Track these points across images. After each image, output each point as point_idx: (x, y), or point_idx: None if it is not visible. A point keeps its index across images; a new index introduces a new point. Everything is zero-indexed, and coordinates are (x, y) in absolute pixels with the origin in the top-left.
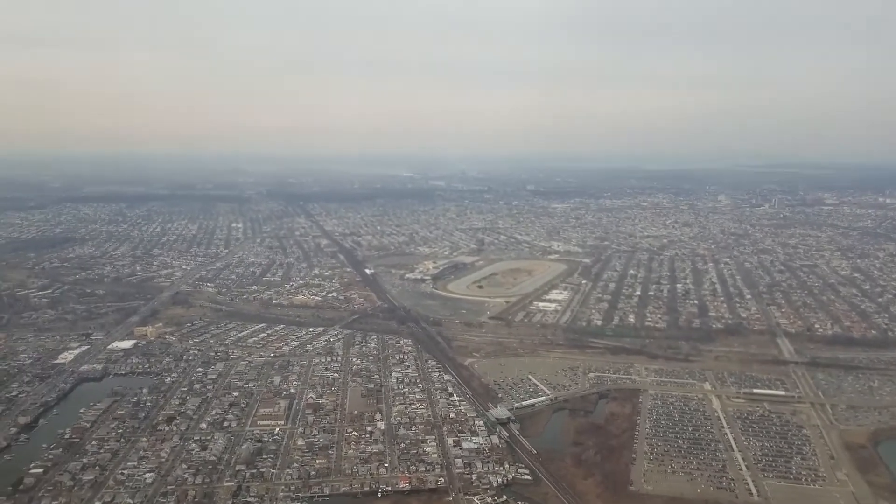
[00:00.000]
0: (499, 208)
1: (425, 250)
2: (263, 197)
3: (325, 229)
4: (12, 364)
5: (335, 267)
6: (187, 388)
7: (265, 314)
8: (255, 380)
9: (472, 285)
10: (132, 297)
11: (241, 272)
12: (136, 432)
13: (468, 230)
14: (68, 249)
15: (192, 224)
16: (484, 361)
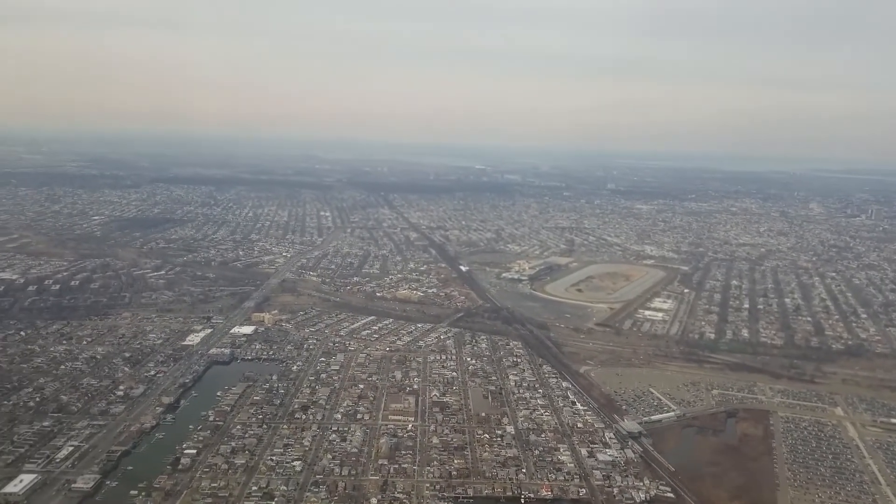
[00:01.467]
0: (580, 207)
1: (515, 248)
2: (344, 185)
3: (411, 221)
4: (143, 343)
5: (429, 262)
6: (314, 377)
7: (372, 307)
8: (377, 373)
9: (570, 288)
10: (242, 281)
11: (340, 262)
12: (275, 419)
13: (554, 229)
14: (170, 231)
15: (282, 210)
16: (600, 370)
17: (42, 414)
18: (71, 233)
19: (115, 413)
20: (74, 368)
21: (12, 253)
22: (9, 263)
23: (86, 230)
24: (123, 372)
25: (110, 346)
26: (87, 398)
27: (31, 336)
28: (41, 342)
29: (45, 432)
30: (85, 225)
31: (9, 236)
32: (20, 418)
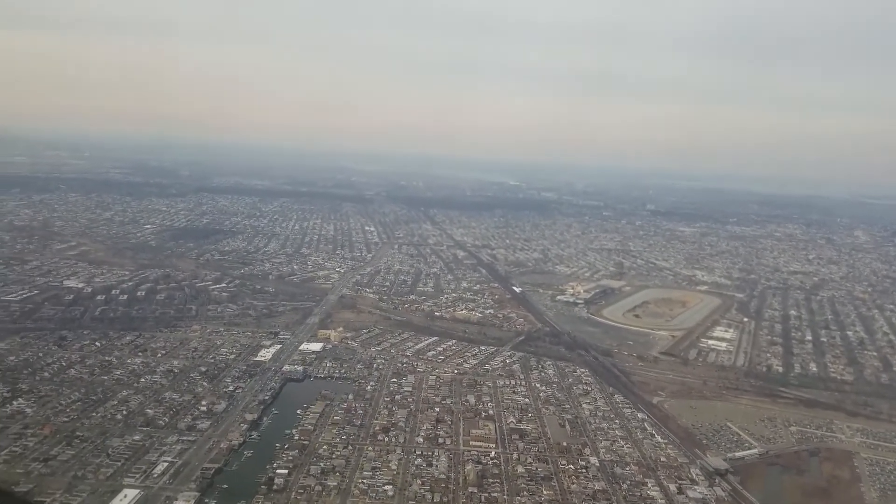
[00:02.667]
0: (623, 228)
1: (564, 270)
2: (383, 199)
3: (455, 239)
4: (217, 358)
5: (481, 281)
6: (389, 398)
7: (433, 327)
8: (450, 396)
9: (627, 313)
10: (301, 297)
11: (393, 280)
12: (359, 440)
13: (600, 250)
14: (223, 242)
15: (327, 224)
16: (672, 402)
17: (131, 427)
18: (126, 241)
19: (202, 429)
20: (154, 382)
21: (74, 261)
22: (73, 271)
23: (140, 239)
24: (203, 387)
25: (185, 359)
26: (172, 412)
27: (107, 347)
28: (117, 353)
29: (138, 446)
30: (139, 234)
31: (67, 243)
32: (110, 431)
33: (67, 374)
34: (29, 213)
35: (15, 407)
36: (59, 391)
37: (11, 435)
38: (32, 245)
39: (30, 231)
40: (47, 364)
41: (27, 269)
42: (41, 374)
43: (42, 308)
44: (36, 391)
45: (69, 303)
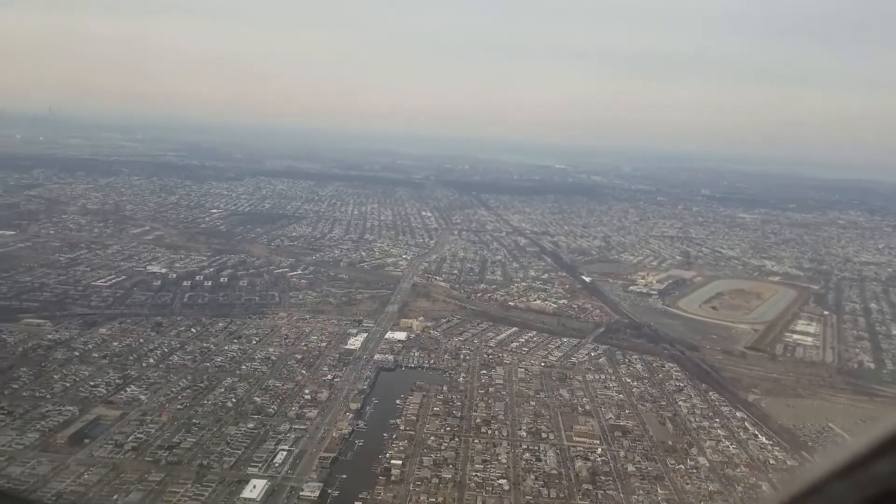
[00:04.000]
0: (680, 214)
1: (629, 258)
2: (434, 184)
3: (513, 225)
4: (309, 346)
5: (548, 270)
6: (483, 390)
7: (510, 317)
8: (542, 390)
9: (703, 305)
10: (376, 284)
11: (460, 267)
12: (462, 432)
13: (662, 238)
14: (289, 228)
15: (384, 209)
16: (768, 400)
17: (243, 415)
18: (196, 226)
19: (311, 417)
20: (255, 369)
21: (151, 245)
22: (153, 256)
23: (210, 224)
24: (302, 375)
25: (279, 346)
26: (279, 400)
27: (202, 333)
28: (213, 340)
29: (254, 434)
30: (207, 218)
31: (142, 227)
32: (224, 419)
33: (171, 360)
34: (98, 196)
35: (129, 393)
36: (167, 378)
37: (133, 421)
38: (109, 229)
39: (104, 215)
40: (150, 350)
41: (109, 253)
42: (146, 361)
43: (133, 293)
44: (145, 378)
45: (157, 288)
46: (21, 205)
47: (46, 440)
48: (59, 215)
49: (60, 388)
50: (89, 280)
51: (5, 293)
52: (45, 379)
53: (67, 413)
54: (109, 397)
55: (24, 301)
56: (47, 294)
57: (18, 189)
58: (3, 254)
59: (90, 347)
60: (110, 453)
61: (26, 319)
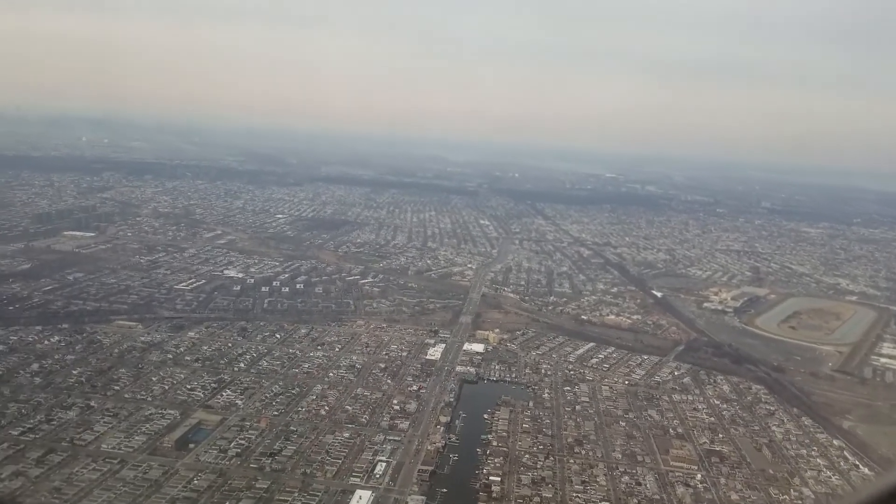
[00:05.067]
0: (742, 227)
1: (698, 273)
2: (487, 192)
3: (573, 235)
4: (390, 355)
5: (616, 283)
6: (570, 408)
7: (586, 332)
8: (631, 410)
9: (782, 324)
10: (446, 294)
11: (527, 278)
12: (555, 451)
13: (727, 252)
14: (353, 234)
15: (442, 217)
16: (864, 427)
17: (338, 424)
18: (265, 231)
19: (403, 428)
20: (342, 377)
21: (225, 250)
22: (228, 261)
23: (277, 229)
24: (388, 384)
25: (361, 354)
26: (370, 410)
27: (287, 339)
28: (298, 346)
29: (351, 444)
30: (273, 223)
31: (213, 232)
32: (320, 427)
33: (260, 365)
34: (168, 199)
35: (225, 398)
36: (260, 383)
37: (233, 427)
38: (182, 232)
39: (175, 218)
40: (239, 355)
41: (186, 256)
42: (237, 365)
43: (214, 298)
44: (238, 382)
45: (237, 293)
46: (97, 207)
47: (153, 443)
48: (133, 218)
49: (159, 390)
50: (171, 283)
51: (94, 294)
52: (143, 381)
53: (169, 416)
54: (207, 401)
55: (113, 303)
56: (134, 296)
57: (92, 191)
58: (86, 255)
59: (182, 351)
60: (216, 459)
61: (118, 321)
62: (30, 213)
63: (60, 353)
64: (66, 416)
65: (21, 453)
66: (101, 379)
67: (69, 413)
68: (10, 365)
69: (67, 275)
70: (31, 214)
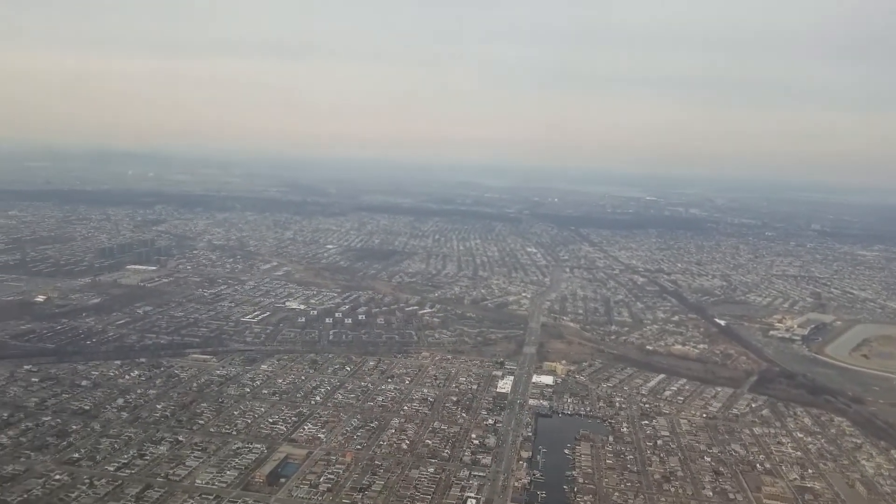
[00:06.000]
0: (794, 250)
1: (757, 300)
2: (529, 218)
3: (622, 262)
4: (460, 388)
5: (676, 311)
6: (651, 443)
7: (654, 363)
8: (714, 444)
9: (853, 352)
10: (507, 324)
11: (584, 307)
12: (643, 488)
13: (784, 277)
14: (404, 264)
15: (488, 245)
16: None
17: (420, 458)
18: (318, 262)
19: (486, 464)
20: (416, 410)
21: (283, 281)
22: (287, 292)
23: (330, 260)
24: (463, 418)
25: (432, 387)
26: (450, 444)
27: (357, 371)
28: (369, 379)
29: (437, 479)
30: (325, 254)
31: (269, 263)
32: (404, 462)
33: (336, 398)
34: (220, 231)
35: (308, 432)
36: (338, 416)
37: (319, 461)
38: (239, 265)
39: (230, 251)
40: (313, 388)
41: (247, 289)
42: (313, 398)
43: (281, 330)
44: (317, 415)
45: (302, 325)
46: (155, 241)
47: (245, 478)
48: (190, 251)
49: (243, 424)
50: (237, 316)
51: (166, 328)
52: (226, 415)
53: (256, 450)
54: (290, 435)
55: (184, 336)
56: (204, 329)
57: (146, 224)
58: (151, 289)
59: (258, 384)
60: (308, 494)
61: (193, 355)
62: (91, 247)
63: (142, 387)
64: (157, 450)
65: (120, 489)
66: (185, 413)
67: (160, 448)
68: (97, 400)
69: (137, 308)
70: (93, 249)
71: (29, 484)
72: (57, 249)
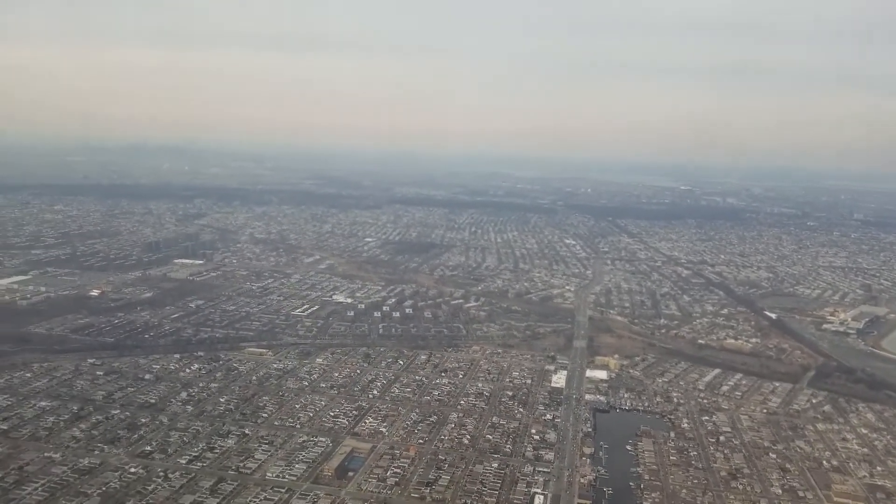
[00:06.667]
0: (838, 241)
1: (806, 292)
2: (564, 209)
3: (664, 253)
4: (514, 382)
5: (724, 304)
6: (714, 439)
7: (708, 357)
8: (777, 441)
9: None
10: (553, 317)
11: (630, 300)
12: (711, 485)
13: (831, 268)
14: (444, 257)
15: (525, 237)
16: None
17: (483, 453)
18: (359, 255)
19: (549, 460)
20: (473, 405)
21: (327, 275)
22: (333, 286)
23: (371, 253)
24: (520, 413)
25: (485, 381)
26: (510, 439)
27: (410, 365)
28: (422, 372)
29: (501, 474)
30: (365, 247)
31: (312, 257)
32: (467, 457)
33: (392, 392)
34: (260, 225)
35: (369, 425)
36: (397, 410)
37: (385, 455)
38: (282, 258)
39: (272, 244)
40: (369, 381)
41: (293, 282)
42: (370, 392)
43: (331, 323)
44: (376, 409)
45: (352, 319)
46: (199, 235)
47: (314, 472)
48: (233, 244)
49: (305, 417)
50: (287, 309)
51: (219, 322)
52: (288, 408)
53: (321, 444)
54: (353, 429)
55: (238, 330)
56: (256, 323)
57: (188, 218)
58: (201, 283)
59: (316, 377)
60: (377, 488)
61: (249, 348)
62: (137, 241)
63: (203, 380)
64: (225, 444)
65: (194, 482)
66: (248, 406)
67: (228, 441)
68: (162, 393)
69: (189, 302)
70: (139, 243)
71: (106, 477)
72: (105, 244)
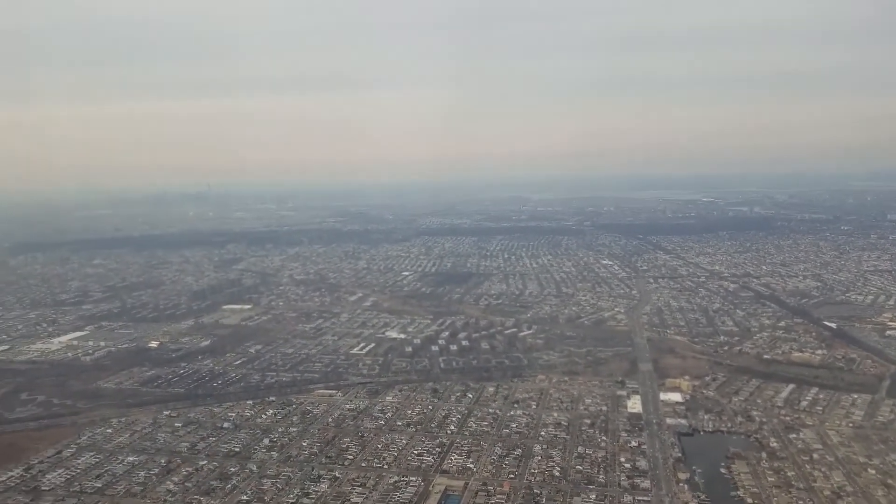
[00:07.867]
0: (878, 244)
1: (859, 298)
2: (592, 229)
3: (704, 267)
4: (589, 410)
5: (780, 316)
6: (807, 457)
7: (778, 372)
8: (872, 456)
9: None
10: (611, 341)
11: (685, 319)
12: None
13: (878, 273)
14: (484, 286)
15: (560, 260)
16: None
17: (577, 485)
18: (400, 289)
19: (646, 488)
20: (553, 435)
21: (374, 311)
22: (383, 322)
23: (412, 287)
24: (604, 441)
25: (559, 411)
26: (601, 469)
27: (479, 398)
28: (493, 405)
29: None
30: (404, 281)
31: (355, 295)
32: (563, 489)
33: (469, 426)
34: (297, 266)
35: (455, 462)
36: (479, 445)
37: (480, 492)
38: (327, 298)
39: (314, 284)
40: (444, 417)
41: (343, 321)
42: (448, 428)
43: (391, 360)
44: (458, 445)
45: (411, 354)
46: (241, 280)
47: None
48: (276, 287)
49: (390, 457)
50: (345, 349)
51: (282, 365)
52: (371, 448)
53: (414, 484)
54: (440, 466)
55: (303, 372)
56: (318, 364)
57: (225, 264)
58: (254, 327)
59: (390, 416)
60: None
61: (318, 390)
62: (182, 290)
63: (282, 425)
64: (319, 488)
65: None
66: (331, 449)
67: (321, 486)
68: (244, 441)
69: (248, 348)
70: (184, 292)
71: None
72: (151, 295)
